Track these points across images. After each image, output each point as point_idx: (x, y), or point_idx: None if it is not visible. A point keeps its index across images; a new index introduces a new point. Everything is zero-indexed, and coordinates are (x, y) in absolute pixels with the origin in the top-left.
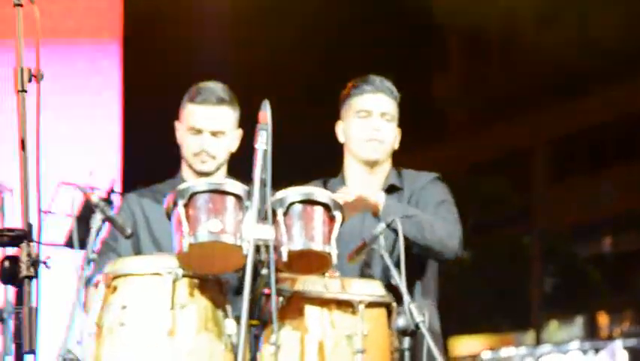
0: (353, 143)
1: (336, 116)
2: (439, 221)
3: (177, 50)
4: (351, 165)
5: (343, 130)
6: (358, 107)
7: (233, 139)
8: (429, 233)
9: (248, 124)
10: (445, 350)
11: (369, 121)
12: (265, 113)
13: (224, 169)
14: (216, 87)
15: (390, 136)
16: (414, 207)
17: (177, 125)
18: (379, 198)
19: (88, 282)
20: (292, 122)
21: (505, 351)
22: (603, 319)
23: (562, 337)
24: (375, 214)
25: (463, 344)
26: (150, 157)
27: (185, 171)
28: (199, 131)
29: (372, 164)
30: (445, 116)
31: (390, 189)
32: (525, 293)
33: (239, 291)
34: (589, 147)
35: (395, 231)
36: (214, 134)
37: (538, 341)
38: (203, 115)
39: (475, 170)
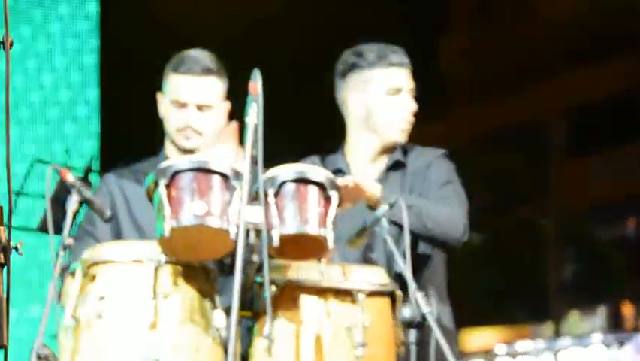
0: (380, 122)
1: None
2: (442, 206)
3: (159, 16)
4: (361, 141)
5: (363, 104)
6: (389, 84)
7: (220, 112)
8: (431, 222)
9: (237, 96)
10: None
11: (401, 100)
12: (256, 84)
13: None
14: (202, 55)
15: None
16: (417, 185)
17: (159, 97)
18: (376, 190)
19: (64, 270)
20: (286, 93)
21: (521, 345)
22: (628, 309)
23: (583, 329)
24: (372, 206)
25: (474, 338)
26: (131, 133)
27: (169, 149)
28: (183, 105)
29: (389, 149)
30: (450, 84)
31: (395, 165)
32: (542, 281)
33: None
34: (612, 118)
35: (394, 223)
36: (200, 107)
37: (557, 334)
38: (187, 86)
39: (484, 144)
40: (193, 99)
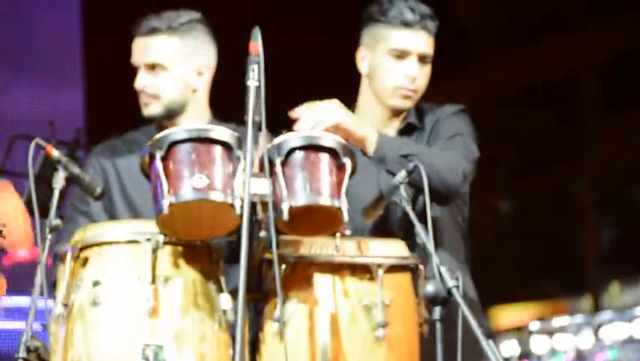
0: (379, 86)
1: (342, 40)
2: (440, 154)
3: None
4: (370, 102)
5: (368, 62)
6: (393, 44)
7: (187, 75)
8: (428, 170)
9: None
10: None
11: (405, 65)
12: (256, 44)
13: (197, 112)
14: (159, 16)
15: (425, 82)
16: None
17: None
18: (368, 134)
19: (55, 254)
20: (291, 52)
21: (558, 321)
22: None
23: (625, 301)
24: (364, 152)
25: (507, 315)
26: (119, 100)
27: None
28: (137, 68)
29: (398, 112)
30: (471, 37)
31: (408, 128)
32: (578, 250)
33: (232, 259)
34: None
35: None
36: (150, 67)
37: (597, 308)
38: (136, 48)
39: (510, 102)
40: (141, 60)
